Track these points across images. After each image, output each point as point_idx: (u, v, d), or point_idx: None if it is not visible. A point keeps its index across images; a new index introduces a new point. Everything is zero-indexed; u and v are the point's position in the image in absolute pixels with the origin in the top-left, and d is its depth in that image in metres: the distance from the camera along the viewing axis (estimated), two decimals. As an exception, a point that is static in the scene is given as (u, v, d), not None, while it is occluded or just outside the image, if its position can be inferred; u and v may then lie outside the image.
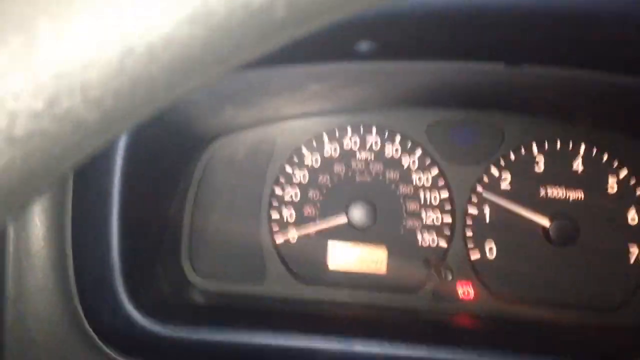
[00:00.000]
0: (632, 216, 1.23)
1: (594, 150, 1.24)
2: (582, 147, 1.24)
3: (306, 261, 1.26)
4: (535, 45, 0.83)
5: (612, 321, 1.22)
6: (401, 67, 0.96)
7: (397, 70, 0.98)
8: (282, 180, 1.26)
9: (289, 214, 1.26)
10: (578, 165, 1.24)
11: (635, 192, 1.23)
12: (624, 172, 1.23)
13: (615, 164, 1.23)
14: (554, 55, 0.88)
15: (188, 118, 1.07)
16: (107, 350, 1.00)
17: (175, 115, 1.01)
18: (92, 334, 0.99)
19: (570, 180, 1.23)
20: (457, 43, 0.84)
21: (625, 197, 1.23)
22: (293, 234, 1.26)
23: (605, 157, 1.23)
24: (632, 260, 1.23)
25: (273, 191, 1.26)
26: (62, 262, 0.96)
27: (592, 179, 1.23)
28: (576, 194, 1.23)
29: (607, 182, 1.23)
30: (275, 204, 1.26)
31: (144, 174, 1.03)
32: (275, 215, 1.26)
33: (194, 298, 1.20)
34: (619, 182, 1.23)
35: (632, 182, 1.23)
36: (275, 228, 1.26)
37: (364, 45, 0.87)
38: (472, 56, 0.89)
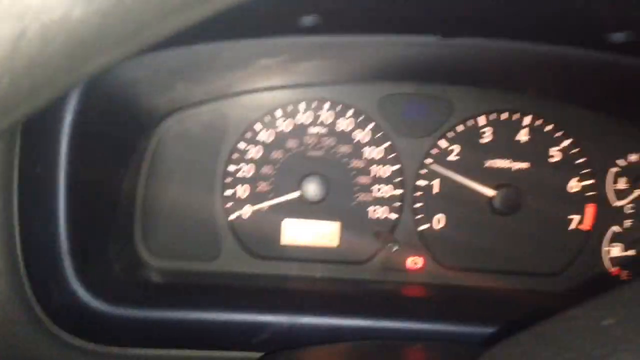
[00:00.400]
0: (572, 185, 1.28)
1: (538, 121, 1.28)
2: (527, 118, 1.28)
3: (260, 237, 1.27)
4: (472, 18, 0.85)
5: (554, 286, 1.28)
6: (346, 41, 0.97)
7: (344, 45, 0.99)
8: (235, 156, 1.26)
9: (242, 190, 1.27)
10: (522, 135, 1.28)
11: (576, 161, 1.28)
12: (567, 142, 1.28)
13: (560, 134, 1.28)
14: (492, 28, 0.90)
15: (137, 95, 1.05)
16: (57, 332, 0.99)
17: (124, 92, 1.00)
18: (42, 315, 0.98)
19: (515, 151, 1.27)
20: (395, 16, 0.85)
21: (567, 166, 1.28)
22: (247, 210, 1.27)
23: (550, 127, 1.28)
24: (572, 227, 1.28)
25: (227, 168, 1.26)
26: (9, 241, 0.94)
27: (536, 149, 1.28)
28: (521, 164, 1.28)
29: (549, 152, 1.28)
30: (229, 180, 1.26)
31: (93, 151, 1.01)
32: (229, 192, 1.26)
33: (148, 276, 1.20)
34: (561, 152, 1.28)
35: (574, 151, 1.28)
36: (229, 204, 1.26)
37: (308, 19, 0.88)
38: (410, 29, 0.91)
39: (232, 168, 1.26)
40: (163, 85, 1.06)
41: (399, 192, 1.28)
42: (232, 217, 1.26)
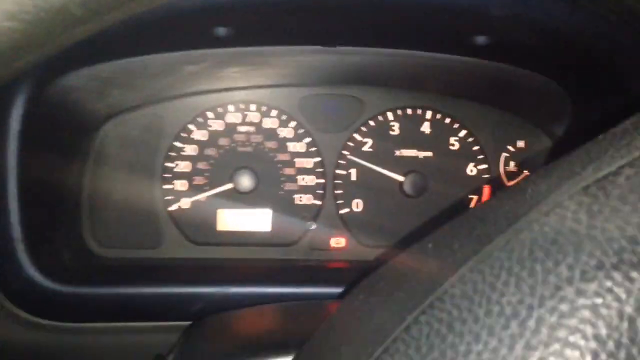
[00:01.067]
0: (470, 169, 1.47)
1: (438, 115, 1.47)
2: (429, 113, 1.47)
3: (198, 225, 1.42)
4: (343, 30, 1.03)
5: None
6: (256, 51, 1.14)
7: (255, 54, 1.16)
8: (172, 154, 1.41)
9: (180, 183, 1.42)
10: (426, 127, 1.47)
11: (472, 148, 1.48)
12: (463, 132, 1.47)
13: (457, 125, 1.47)
14: (367, 38, 1.09)
15: (77, 101, 1.19)
16: (16, 312, 1.13)
17: (65, 99, 1.14)
18: (1, 297, 1.11)
19: (420, 141, 1.46)
20: (285, 29, 1.03)
21: (465, 153, 1.47)
22: (186, 202, 1.42)
23: (448, 120, 1.47)
24: (472, 205, 1.48)
25: (165, 164, 1.41)
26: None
27: (438, 140, 1.47)
28: (425, 153, 1.46)
29: (449, 141, 1.47)
30: (167, 175, 1.41)
31: (40, 151, 1.14)
32: (168, 186, 1.41)
33: (95, 264, 1.33)
34: (459, 141, 1.47)
35: (470, 140, 1.47)
36: (169, 197, 1.41)
37: (220, 31, 1.04)
38: (299, 40, 1.08)
39: (170, 164, 1.41)
40: (100, 92, 1.20)
41: (321, 181, 1.45)
42: (172, 208, 1.41)
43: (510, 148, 1.48)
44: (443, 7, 0.91)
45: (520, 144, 1.48)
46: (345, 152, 1.45)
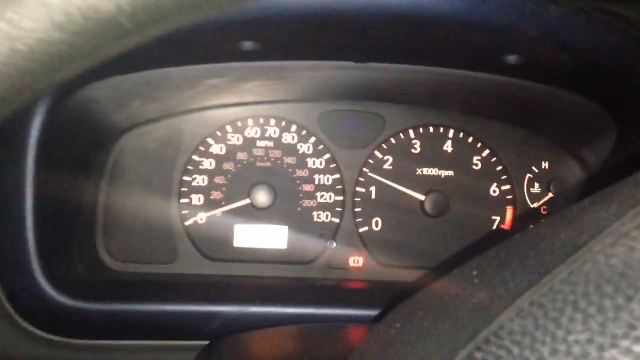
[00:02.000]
0: (493, 189, 1.44)
1: (461, 134, 1.44)
2: (451, 132, 1.44)
3: (214, 241, 1.39)
4: (378, 46, 1.01)
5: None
6: (282, 66, 1.11)
7: (280, 69, 1.14)
8: (190, 168, 1.39)
9: (197, 198, 1.39)
10: (448, 146, 1.44)
11: (496, 169, 1.44)
12: (486, 152, 1.44)
13: (479, 145, 1.44)
14: (398, 55, 1.06)
15: (98, 113, 1.17)
16: (27, 327, 1.10)
17: (85, 110, 1.12)
18: (11, 311, 1.08)
19: (442, 160, 1.43)
20: (316, 44, 1.01)
21: (488, 173, 1.44)
22: (202, 217, 1.39)
23: (471, 139, 1.44)
24: (494, 227, 1.44)
25: (182, 178, 1.38)
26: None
27: (461, 159, 1.44)
28: (448, 172, 1.43)
29: (472, 161, 1.44)
30: (184, 189, 1.39)
31: (58, 164, 1.13)
32: (184, 200, 1.39)
33: (109, 279, 1.31)
34: (482, 161, 1.44)
35: (493, 160, 1.44)
36: (185, 212, 1.38)
37: (247, 45, 1.02)
38: (330, 56, 1.06)
39: (187, 178, 1.38)
40: (120, 104, 1.18)
41: (340, 198, 1.42)
42: (188, 223, 1.38)
43: (535, 169, 1.45)
44: (475, 25, 0.89)
45: (545, 165, 1.45)
46: (365, 170, 1.43)
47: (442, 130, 1.44)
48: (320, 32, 0.92)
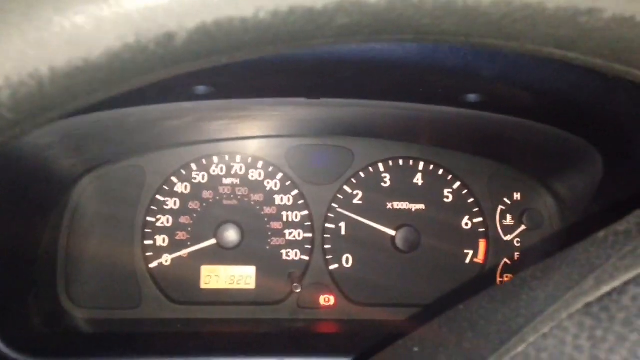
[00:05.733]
0: (465, 222, 1.41)
1: (431, 166, 1.41)
2: (421, 164, 1.41)
3: (180, 283, 1.35)
4: (330, 82, 0.99)
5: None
6: (239, 105, 1.08)
7: (239, 107, 1.11)
8: (154, 208, 1.35)
9: (161, 239, 1.35)
10: (418, 179, 1.41)
11: (467, 201, 1.42)
12: (457, 184, 1.42)
13: (449, 177, 1.42)
14: (350, 91, 1.04)
15: (50, 158, 1.13)
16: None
17: (36, 156, 1.08)
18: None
19: (412, 193, 1.40)
20: (269, 83, 0.98)
21: (460, 205, 1.41)
22: (166, 258, 1.35)
23: (441, 171, 1.41)
24: (467, 261, 1.41)
25: (146, 219, 1.34)
26: None
27: (431, 191, 1.41)
28: (418, 205, 1.40)
29: (443, 194, 1.41)
30: (148, 230, 1.34)
31: (10, 209, 1.09)
32: (148, 242, 1.34)
33: (70, 327, 1.26)
34: (453, 193, 1.41)
35: (464, 192, 1.41)
36: (149, 253, 1.34)
37: (201, 89, 0.99)
38: (283, 93, 1.03)
39: (151, 219, 1.34)
40: (76, 148, 1.14)
41: (309, 235, 1.39)
42: (152, 265, 1.34)
43: (507, 200, 1.42)
44: (430, 68, 0.87)
45: (517, 196, 1.42)
46: (334, 205, 1.39)
47: (411, 162, 1.41)
48: (270, 72, 0.90)
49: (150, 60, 0.37)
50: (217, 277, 1.36)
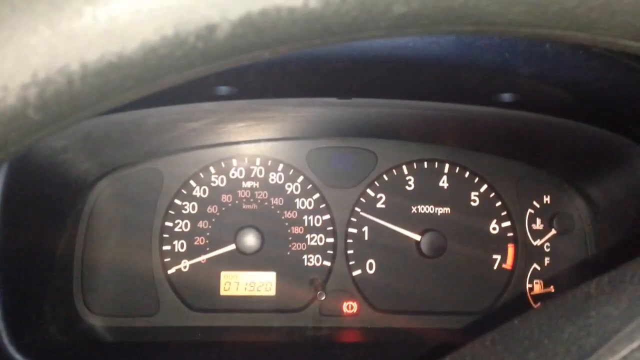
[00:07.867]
0: (493, 226, 1.36)
1: (457, 169, 1.36)
2: (447, 166, 1.36)
3: (198, 290, 1.31)
4: (363, 81, 0.95)
5: (479, 324, 1.34)
6: (262, 105, 1.05)
7: (261, 108, 1.07)
8: (172, 212, 1.31)
9: (180, 244, 1.31)
10: (444, 182, 1.36)
11: (495, 204, 1.37)
12: (484, 187, 1.37)
13: (476, 180, 1.37)
14: (385, 90, 1.00)
15: (67, 162, 1.10)
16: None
17: (53, 160, 1.05)
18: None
19: (438, 196, 1.35)
20: (297, 82, 0.94)
21: (487, 209, 1.36)
22: (185, 264, 1.31)
23: (467, 174, 1.37)
24: (495, 267, 1.36)
25: (163, 224, 1.31)
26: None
27: (457, 195, 1.36)
28: (443, 209, 1.35)
29: (470, 197, 1.36)
30: (166, 235, 1.31)
31: (27, 215, 1.05)
32: (166, 247, 1.31)
33: (87, 335, 1.22)
34: (480, 196, 1.36)
35: (492, 195, 1.36)
36: (167, 259, 1.31)
37: (223, 90, 0.95)
38: (312, 92, 0.99)
39: (169, 223, 1.31)
40: (92, 150, 1.11)
41: (331, 240, 1.34)
42: (171, 271, 1.30)
43: (536, 204, 1.37)
44: (465, 66, 0.82)
45: (547, 199, 1.37)
46: (357, 209, 1.35)
47: (436, 165, 1.36)
48: (301, 73, 0.86)
49: (189, 55, 0.33)
50: (236, 284, 1.32)
